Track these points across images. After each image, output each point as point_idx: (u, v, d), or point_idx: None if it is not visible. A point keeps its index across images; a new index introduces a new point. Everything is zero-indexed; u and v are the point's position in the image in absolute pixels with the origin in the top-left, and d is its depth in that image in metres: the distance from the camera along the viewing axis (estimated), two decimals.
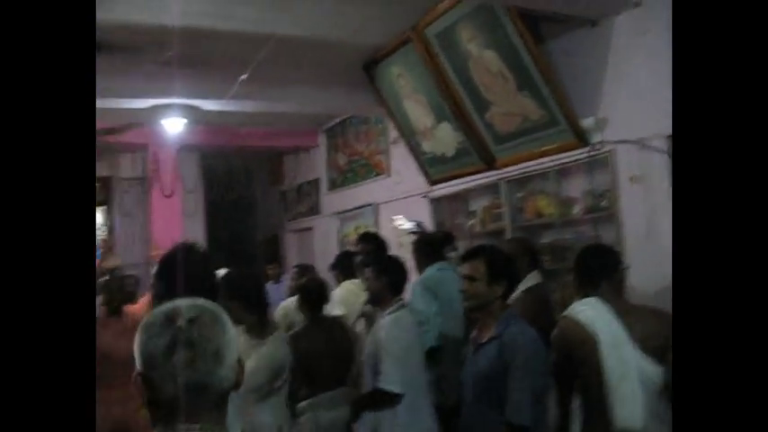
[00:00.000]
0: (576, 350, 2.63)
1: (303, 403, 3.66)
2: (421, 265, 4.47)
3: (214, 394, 1.37)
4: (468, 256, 2.88)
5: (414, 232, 5.53)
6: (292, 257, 10.41)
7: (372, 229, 7.02)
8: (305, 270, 5.42)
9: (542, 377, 2.64)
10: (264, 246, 11.22)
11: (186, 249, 2.46)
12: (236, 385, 1.43)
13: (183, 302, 1.44)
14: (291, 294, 5.04)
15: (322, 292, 4.06)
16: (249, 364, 2.81)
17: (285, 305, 4.73)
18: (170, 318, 1.39)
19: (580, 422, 2.70)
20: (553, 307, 3.95)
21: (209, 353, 1.37)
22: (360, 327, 4.47)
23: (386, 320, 3.41)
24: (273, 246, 10.86)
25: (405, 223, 5.51)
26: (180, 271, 2.26)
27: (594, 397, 2.57)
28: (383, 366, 3.25)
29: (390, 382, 3.21)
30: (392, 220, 5.41)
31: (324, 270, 7.10)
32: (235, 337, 1.44)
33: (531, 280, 3.92)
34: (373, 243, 4.99)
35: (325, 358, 3.74)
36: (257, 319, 3.16)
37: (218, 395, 1.38)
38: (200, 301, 1.46)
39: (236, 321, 1.68)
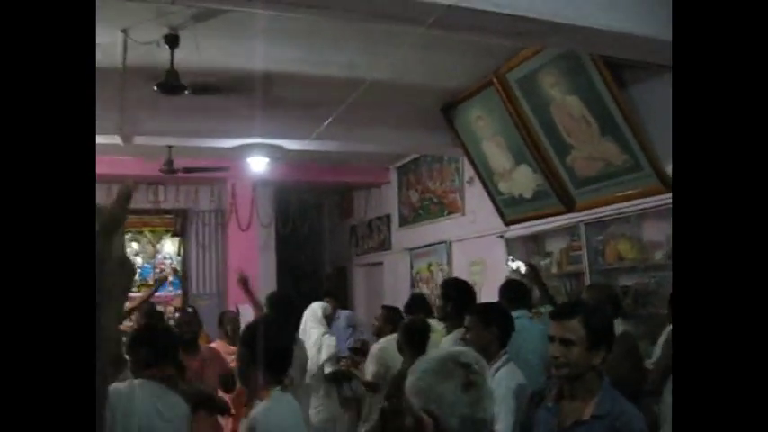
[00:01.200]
0: None
1: None
2: None
3: (485, 429, 1.66)
4: (563, 314, 2.43)
5: (522, 274, 5.30)
6: (360, 291, 10.54)
7: (456, 276, 6.98)
8: (391, 311, 5.43)
9: None
10: (331, 279, 11.38)
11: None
12: None
13: (461, 349, 1.79)
14: (377, 334, 5.12)
15: (426, 330, 4.10)
16: None
17: (381, 346, 4.73)
18: (460, 363, 1.67)
19: None
20: (641, 358, 3.89)
21: (488, 393, 1.68)
22: None
23: (497, 377, 3.07)
24: (341, 279, 11.01)
25: (519, 265, 5.37)
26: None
27: None
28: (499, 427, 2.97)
29: None
30: (508, 260, 5.33)
31: (395, 302, 7.20)
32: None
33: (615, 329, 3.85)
34: (461, 290, 4.60)
35: None
36: None
37: (488, 430, 1.68)
38: (469, 349, 1.81)
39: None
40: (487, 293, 6.70)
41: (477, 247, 7.20)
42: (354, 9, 3.60)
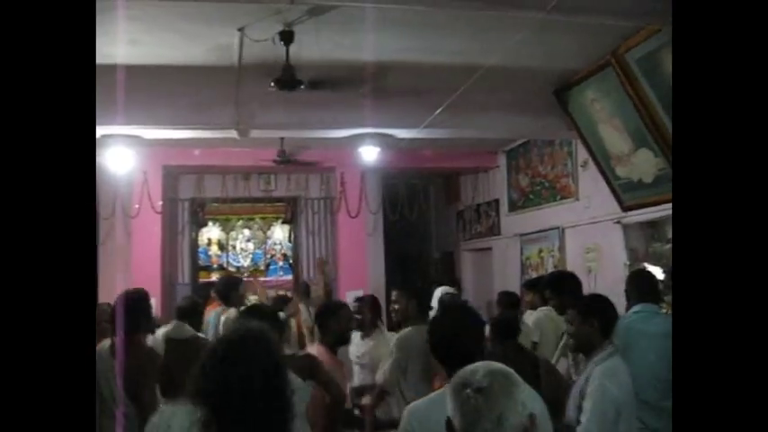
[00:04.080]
0: None
1: None
2: (629, 304, 4.20)
3: None
4: None
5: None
6: (468, 276, 10.48)
7: (563, 269, 6.85)
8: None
9: None
10: (439, 264, 11.37)
11: None
12: None
13: (480, 368, 1.63)
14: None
15: (514, 325, 4.09)
16: None
17: (404, 334, 4.48)
18: (464, 384, 1.59)
19: None
20: None
21: (490, 419, 1.53)
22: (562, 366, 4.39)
23: (597, 371, 3.04)
24: (448, 264, 10.98)
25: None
26: None
27: None
28: (584, 424, 2.93)
29: None
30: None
31: (504, 287, 7.13)
32: (525, 398, 1.60)
33: None
34: (568, 284, 4.63)
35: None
36: None
37: None
38: (496, 368, 1.65)
39: None
40: (603, 280, 6.52)
41: (592, 232, 6.98)
42: None
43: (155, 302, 6.44)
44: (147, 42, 4.71)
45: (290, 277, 10.26)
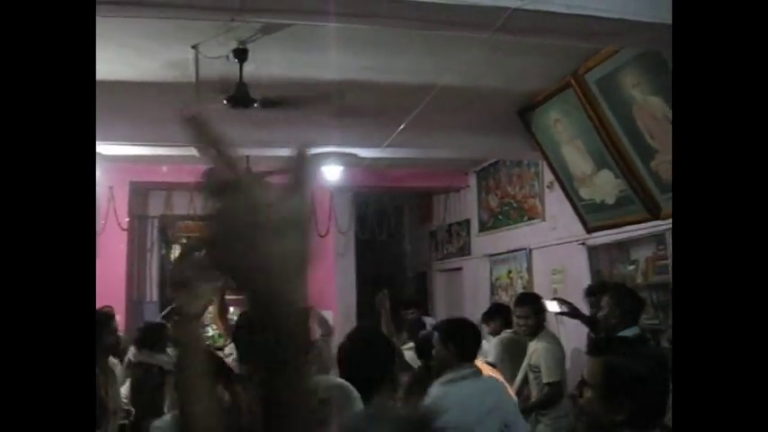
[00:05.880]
0: None
1: None
2: None
3: None
4: None
5: (562, 313, 5.27)
6: (440, 296, 10.41)
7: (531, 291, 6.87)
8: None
9: None
10: (412, 285, 11.29)
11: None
12: None
13: (320, 381, 1.83)
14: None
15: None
16: None
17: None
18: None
19: None
20: None
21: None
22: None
23: (431, 391, 3.19)
24: (421, 283, 10.91)
25: (555, 307, 5.29)
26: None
27: None
28: None
29: None
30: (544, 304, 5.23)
31: (475, 312, 7.06)
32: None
33: None
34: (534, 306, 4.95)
35: None
36: None
37: None
38: (334, 381, 1.88)
39: None
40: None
41: (558, 254, 6.94)
42: (417, 18, 3.51)
43: (119, 320, 6.32)
44: (103, 58, 4.64)
45: None
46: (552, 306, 5.24)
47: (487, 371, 3.61)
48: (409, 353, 5.10)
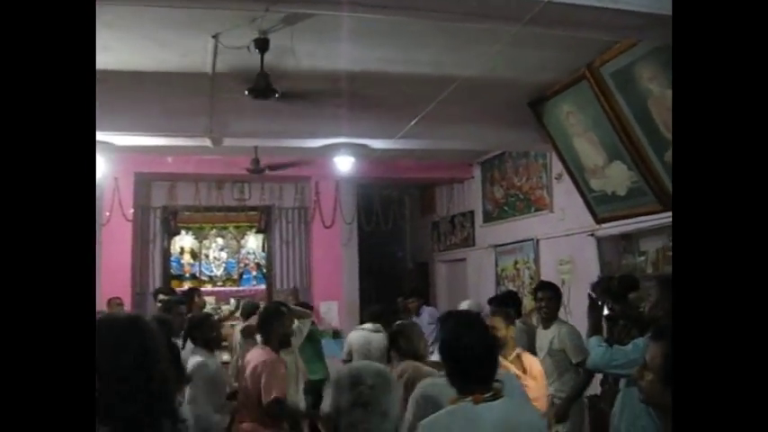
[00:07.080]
0: None
1: None
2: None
3: None
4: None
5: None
6: (442, 287, 10.46)
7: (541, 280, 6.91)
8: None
9: None
10: (413, 275, 11.34)
11: None
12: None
13: (364, 367, 2.03)
14: None
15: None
16: None
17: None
18: (356, 381, 1.94)
19: None
20: None
21: (378, 412, 1.91)
22: None
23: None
24: (422, 274, 10.96)
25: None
26: None
27: None
28: None
29: None
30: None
31: (479, 298, 7.09)
32: (398, 395, 2.02)
33: None
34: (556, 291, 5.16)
35: None
36: None
37: None
38: (378, 367, 2.03)
39: None
40: (577, 293, 6.52)
41: (566, 245, 7.00)
42: (448, 10, 3.52)
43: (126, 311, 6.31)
44: (120, 49, 4.63)
45: (263, 287, 10.14)
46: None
47: (505, 366, 3.57)
48: None
